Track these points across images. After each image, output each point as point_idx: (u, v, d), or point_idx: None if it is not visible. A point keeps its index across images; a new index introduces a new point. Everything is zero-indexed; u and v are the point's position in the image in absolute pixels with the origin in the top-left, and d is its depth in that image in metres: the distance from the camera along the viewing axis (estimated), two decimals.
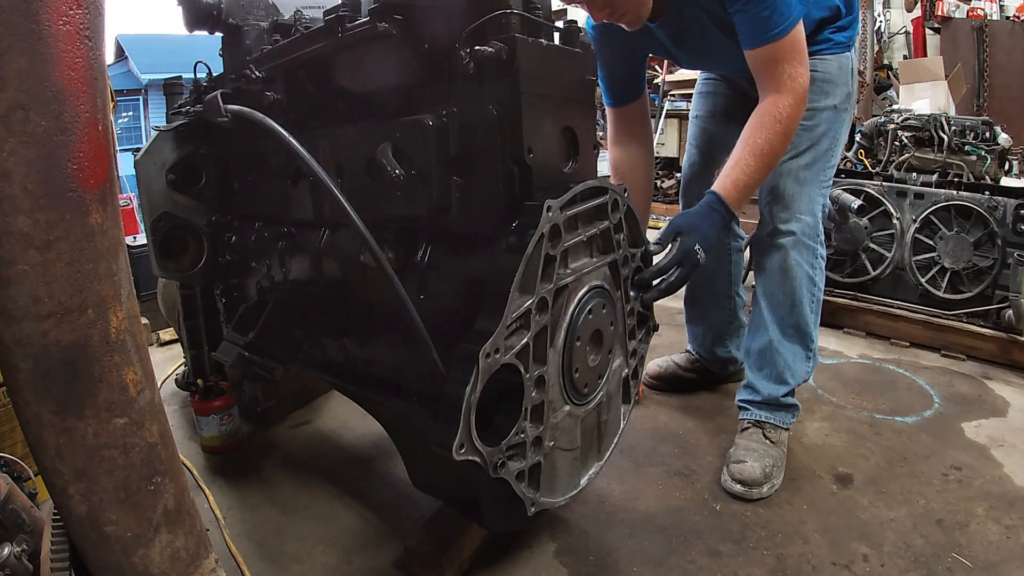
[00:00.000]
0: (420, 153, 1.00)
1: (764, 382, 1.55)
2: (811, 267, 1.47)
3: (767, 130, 1.25)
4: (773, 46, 1.22)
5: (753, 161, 1.25)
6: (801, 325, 1.51)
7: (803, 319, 1.50)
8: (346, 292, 1.26)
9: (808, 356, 1.54)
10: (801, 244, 1.45)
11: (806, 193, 1.44)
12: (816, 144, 1.43)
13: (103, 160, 0.63)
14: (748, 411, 1.57)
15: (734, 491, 1.42)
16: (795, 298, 1.48)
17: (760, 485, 1.41)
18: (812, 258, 1.47)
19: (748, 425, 1.55)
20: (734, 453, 1.48)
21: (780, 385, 1.53)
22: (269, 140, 0.99)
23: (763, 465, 1.43)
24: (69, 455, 0.64)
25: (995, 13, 5.37)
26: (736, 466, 1.44)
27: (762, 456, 1.45)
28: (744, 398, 1.60)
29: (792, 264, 1.46)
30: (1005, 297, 2.08)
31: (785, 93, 1.24)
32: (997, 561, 1.19)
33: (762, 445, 1.49)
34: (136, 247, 2.42)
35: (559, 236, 0.95)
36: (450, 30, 0.98)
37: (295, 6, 1.42)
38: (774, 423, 1.54)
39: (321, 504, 1.46)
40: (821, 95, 1.41)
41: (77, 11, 0.58)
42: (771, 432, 1.52)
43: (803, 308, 1.49)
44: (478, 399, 0.87)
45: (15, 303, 0.59)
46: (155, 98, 9.92)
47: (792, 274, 1.46)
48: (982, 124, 2.75)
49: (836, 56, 1.42)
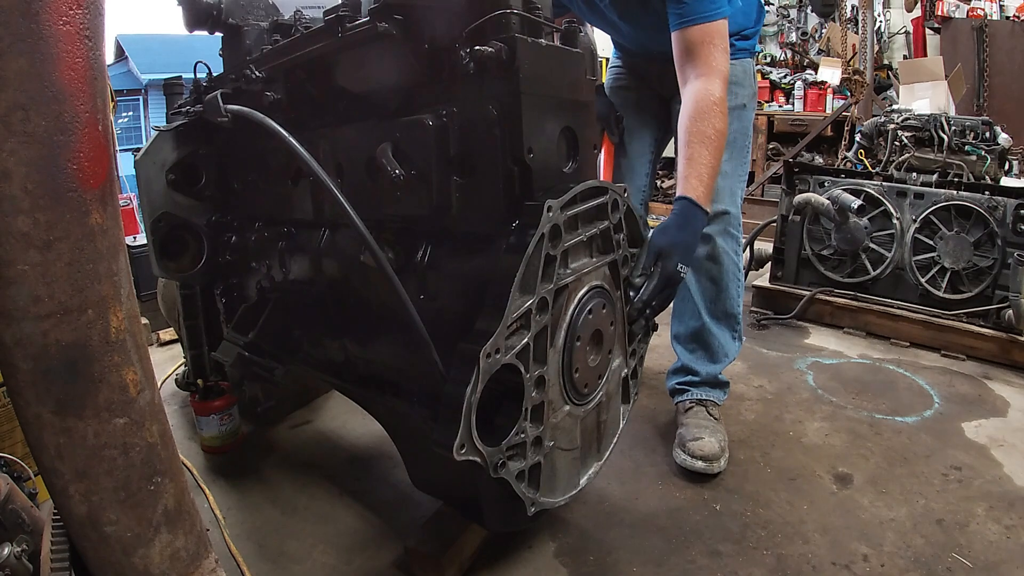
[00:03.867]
0: (420, 153, 1.00)
1: (701, 363, 1.63)
2: (735, 254, 1.58)
3: (710, 116, 1.27)
4: (706, 27, 1.28)
5: (707, 152, 1.27)
6: (729, 309, 1.61)
7: (731, 303, 1.61)
8: (346, 292, 1.25)
9: (734, 336, 1.64)
10: (727, 233, 1.54)
11: (728, 186, 1.53)
12: (733, 141, 1.48)
13: (103, 160, 0.63)
14: (688, 392, 1.64)
15: (696, 468, 1.46)
16: (723, 283, 1.57)
17: (718, 459, 1.48)
18: (736, 245, 1.58)
19: (691, 404, 1.62)
20: (687, 432, 1.53)
21: (715, 364, 1.63)
22: (269, 140, 0.99)
23: (718, 440, 1.50)
24: (69, 455, 0.64)
25: (995, 13, 5.36)
26: (694, 443, 1.48)
27: (714, 431, 1.52)
28: (681, 381, 1.66)
29: (720, 252, 1.54)
30: (1005, 297, 2.08)
31: (713, 76, 1.28)
32: (997, 561, 1.19)
33: (710, 421, 1.56)
34: (136, 247, 2.42)
35: (559, 236, 0.95)
36: (450, 30, 0.98)
37: (295, 6, 1.41)
38: (714, 400, 1.63)
39: (321, 504, 1.46)
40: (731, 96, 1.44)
41: (77, 11, 0.58)
42: (713, 409, 1.60)
43: (731, 292, 1.60)
44: (478, 399, 0.87)
45: (15, 303, 0.58)
46: (155, 98, 9.90)
47: (721, 261, 1.55)
48: (982, 124, 2.75)
49: (740, 61, 1.53)
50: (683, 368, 1.66)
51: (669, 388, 1.71)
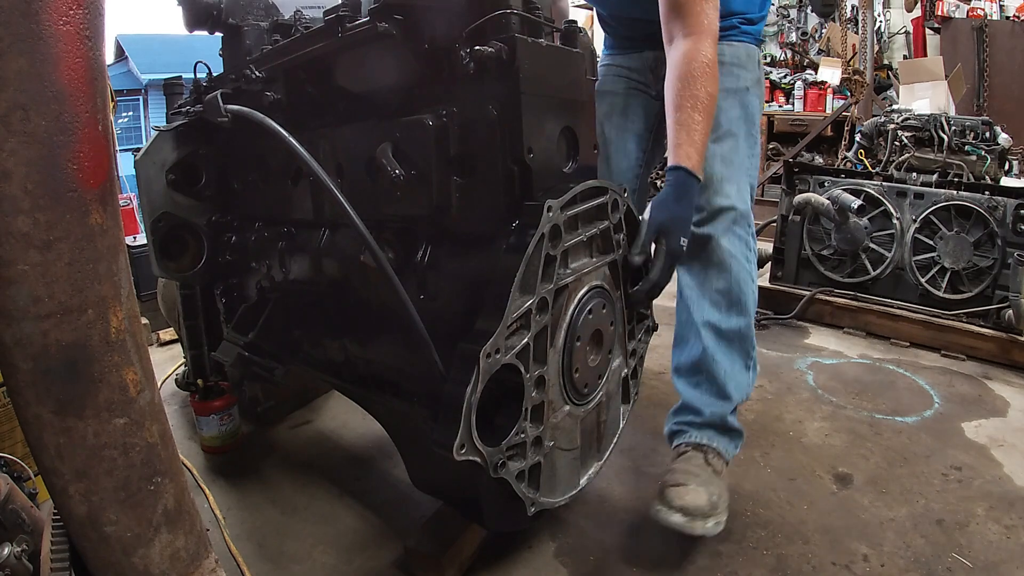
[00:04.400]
0: (420, 153, 1.00)
1: (705, 398, 1.30)
2: (747, 260, 1.29)
3: (702, 78, 1.15)
4: None
5: (700, 117, 1.15)
6: (743, 328, 1.30)
7: (746, 320, 1.30)
8: (346, 292, 1.25)
9: (747, 365, 1.33)
10: (733, 233, 1.27)
11: (735, 177, 1.30)
12: (735, 129, 1.33)
13: (103, 160, 0.63)
14: (686, 434, 1.31)
15: (671, 522, 1.12)
16: (733, 295, 1.28)
17: (705, 517, 1.13)
18: (747, 250, 1.29)
19: (686, 449, 1.29)
20: (670, 476, 1.20)
21: (724, 401, 1.29)
22: (269, 140, 0.99)
23: (709, 492, 1.15)
24: (69, 455, 0.64)
25: (995, 13, 5.36)
26: (674, 490, 1.15)
27: (706, 483, 1.17)
28: (681, 421, 1.34)
29: (727, 257, 1.26)
30: (1005, 297, 2.08)
31: (704, 35, 1.17)
32: (997, 561, 1.19)
33: (704, 471, 1.22)
34: (136, 247, 2.42)
35: (559, 236, 0.95)
36: (450, 30, 0.98)
37: (295, 6, 1.42)
38: (718, 449, 1.28)
39: (321, 504, 1.46)
40: (732, 78, 1.33)
41: (77, 11, 0.58)
42: (714, 459, 1.26)
43: (745, 304, 1.29)
44: (478, 399, 0.87)
45: (15, 303, 0.59)
46: (155, 98, 9.90)
47: (728, 267, 1.26)
48: (982, 124, 2.75)
49: (744, 44, 1.38)
50: (684, 407, 1.34)
51: (667, 432, 1.37)
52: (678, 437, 1.33)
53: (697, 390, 1.32)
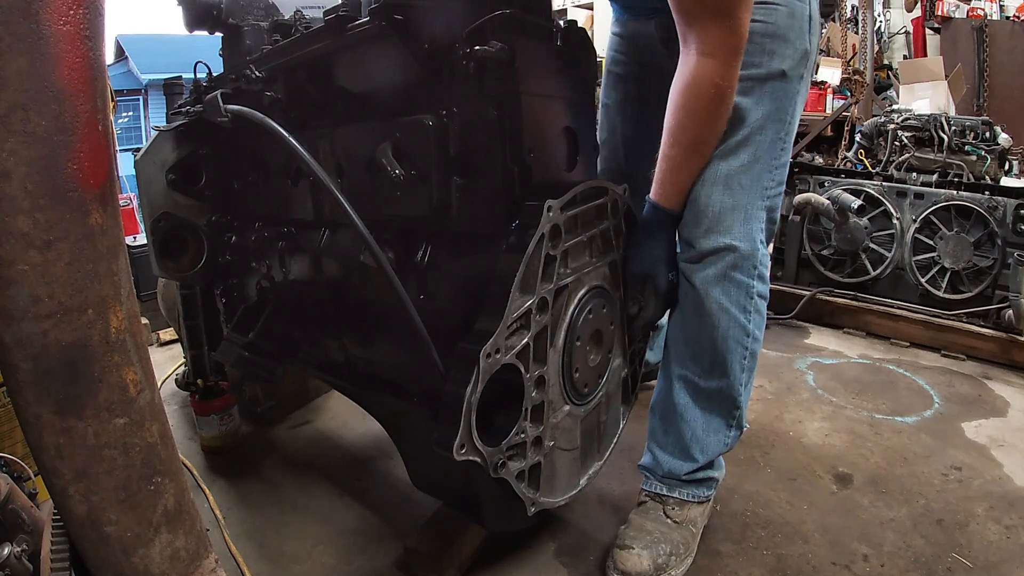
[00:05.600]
0: (420, 153, 1.00)
1: (664, 452, 1.20)
2: (743, 311, 1.08)
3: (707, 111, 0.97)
4: None
5: (688, 156, 1.02)
6: (724, 389, 1.13)
7: (728, 382, 1.12)
8: (346, 292, 1.25)
9: (730, 425, 1.17)
10: (729, 280, 1.06)
11: (743, 204, 1.05)
12: (755, 131, 1.03)
13: (103, 160, 0.63)
14: (648, 480, 1.24)
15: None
16: (716, 354, 1.10)
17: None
18: (744, 298, 1.08)
19: (645, 498, 1.22)
20: (621, 533, 1.16)
21: (684, 461, 1.18)
22: (269, 140, 0.99)
23: (653, 554, 1.10)
24: (69, 455, 0.64)
25: (995, 13, 5.37)
26: (620, 553, 1.11)
27: (656, 542, 1.12)
28: (645, 464, 1.25)
29: (714, 309, 1.07)
30: (1005, 297, 2.09)
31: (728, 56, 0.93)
32: (997, 561, 1.19)
33: (660, 526, 1.16)
34: (136, 247, 2.42)
35: (559, 236, 0.95)
36: (450, 30, 0.98)
37: (295, 6, 1.42)
38: (679, 498, 1.19)
39: (321, 504, 1.46)
40: (762, 56, 1.01)
41: (77, 11, 0.58)
42: (675, 510, 1.18)
43: (729, 367, 1.11)
44: (478, 399, 0.87)
45: (15, 303, 0.58)
46: (155, 98, 9.91)
47: (715, 323, 1.08)
48: (982, 124, 2.75)
49: (787, 2, 1.02)
50: (650, 448, 1.23)
51: (638, 465, 1.27)
52: (643, 479, 1.25)
53: (663, 438, 1.21)
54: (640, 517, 1.19)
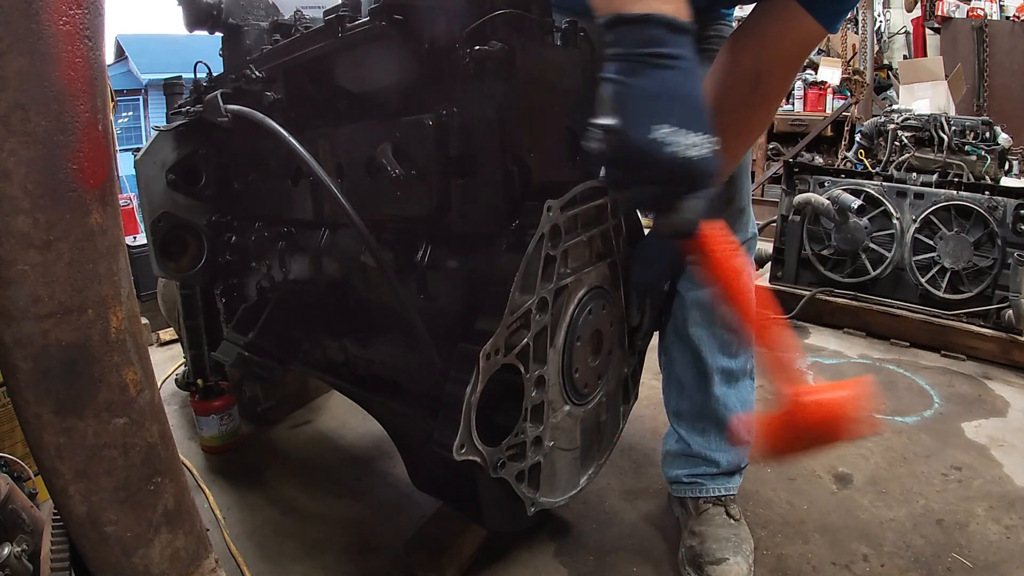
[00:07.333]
0: (420, 153, 1.00)
1: (719, 452, 1.24)
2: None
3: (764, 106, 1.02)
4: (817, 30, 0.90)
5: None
6: (750, 357, 1.24)
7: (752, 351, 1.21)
8: (346, 292, 1.25)
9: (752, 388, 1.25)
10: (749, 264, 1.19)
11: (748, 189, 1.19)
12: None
13: (103, 160, 0.63)
14: (701, 486, 1.25)
15: None
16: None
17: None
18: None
19: (706, 505, 1.24)
20: (703, 549, 1.16)
21: (741, 448, 1.23)
22: (269, 140, 0.99)
23: (744, 557, 1.15)
24: (69, 455, 0.64)
25: (995, 13, 5.37)
26: (719, 568, 1.12)
27: (739, 544, 1.16)
28: (693, 473, 1.26)
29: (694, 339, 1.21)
30: (1005, 297, 2.08)
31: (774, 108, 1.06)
32: (997, 561, 1.19)
33: (730, 529, 1.18)
34: (136, 247, 2.42)
35: (559, 236, 0.95)
36: (450, 30, 0.98)
37: (295, 6, 1.42)
38: (732, 495, 1.25)
39: (321, 504, 1.46)
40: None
41: (77, 11, 0.58)
42: (732, 507, 1.23)
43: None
44: (478, 399, 0.87)
45: (15, 303, 0.58)
46: (155, 98, 9.92)
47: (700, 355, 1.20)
48: (982, 124, 2.75)
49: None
50: (694, 456, 1.25)
51: (671, 478, 1.31)
52: (689, 489, 1.26)
53: (703, 438, 1.24)
54: (710, 527, 1.20)
